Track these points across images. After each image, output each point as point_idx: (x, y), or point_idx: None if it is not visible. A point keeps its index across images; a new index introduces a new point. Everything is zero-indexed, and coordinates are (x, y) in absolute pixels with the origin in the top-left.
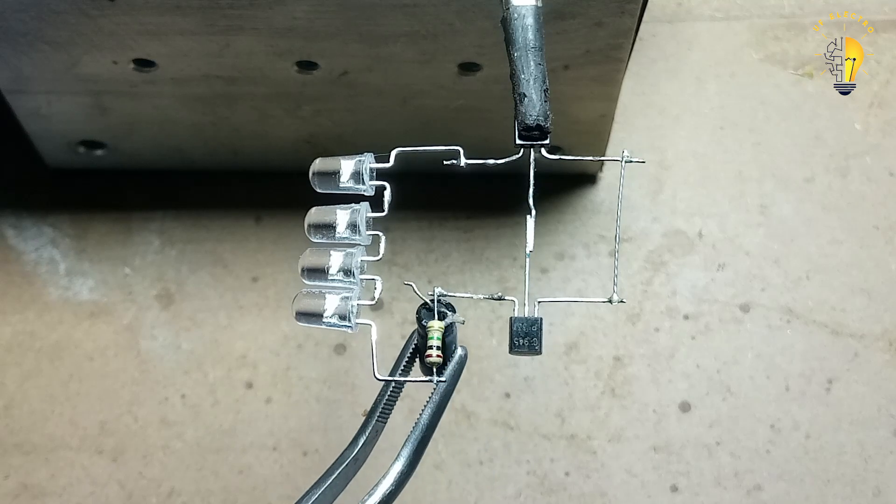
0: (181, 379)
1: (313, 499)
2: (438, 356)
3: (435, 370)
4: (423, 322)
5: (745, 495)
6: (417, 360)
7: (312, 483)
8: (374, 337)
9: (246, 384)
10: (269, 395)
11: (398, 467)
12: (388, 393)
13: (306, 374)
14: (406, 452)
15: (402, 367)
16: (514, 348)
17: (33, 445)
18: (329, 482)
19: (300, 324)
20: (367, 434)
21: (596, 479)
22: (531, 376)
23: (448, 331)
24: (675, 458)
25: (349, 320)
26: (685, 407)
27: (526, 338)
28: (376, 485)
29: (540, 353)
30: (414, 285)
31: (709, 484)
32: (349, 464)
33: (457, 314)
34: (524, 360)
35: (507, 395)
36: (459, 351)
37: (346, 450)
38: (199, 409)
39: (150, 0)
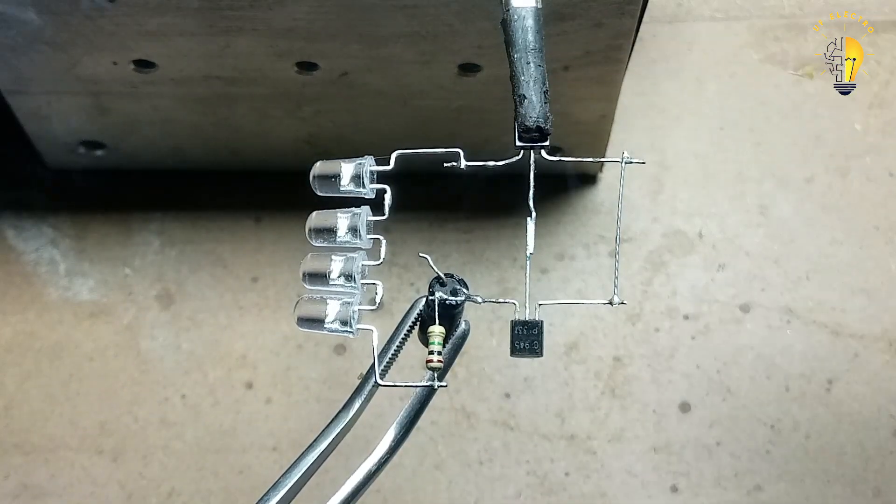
0: (181, 379)
1: (312, 459)
2: (439, 361)
3: (436, 375)
4: (432, 296)
5: (745, 495)
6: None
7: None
8: (376, 341)
9: (246, 384)
10: (269, 396)
11: (392, 434)
12: (386, 360)
13: (306, 374)
14: (400, 421)
15: (403, 336)
16: (515, 351)
17: (33, 445)
18: (326, 443)
19: (302, 329)
20: (362, 397)
21: (596, 480)
22: (531, 376)
23: (457, 306)
24: (675, 458)
25: (350, 325)
26: (685, 407)
27: (527, 340)
28: (371, 451)
29: (541, 355)
30: (429, 258)
31: (709, 484)
32: (344, 426)
33: (473, 294)
34: (524, 361)
35: (507, 396)
36: (462, 325)
37: (340, 412)
38: (199, 410)
39: (150, 1)
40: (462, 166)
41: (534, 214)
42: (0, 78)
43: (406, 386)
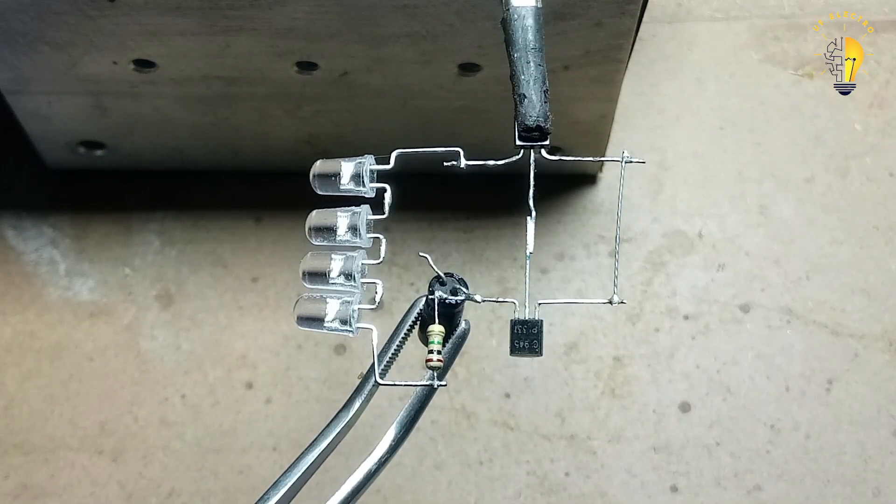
0: (181, 379)
1: (312, 458)
2: (439, 360)
3: (436, 374)
4: (431, 295)
5: (745, 495)
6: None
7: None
8: (376, 341)
9: (246, 384)
10: (269, 396)
11: (392, 434)
12: (386, 359)
13: (306, 374)
14: (400, 421)
15: (403, 336)
16: (514, 350)
17: (33, 445)
18: (326, 443)
19: (302, 328)
20: (362, 396)
21: (596, 480)
22: (531, 376)
23: (457, 305)
24: (675, 458)
25: (350, 325)
26: (685, 407)
27: (526, 339)
28: (371, 451)
29: (541, 354)
30: (429, 257)
31: (709, 484)
32: (344, 426)
33: (472, 293)
34: (524, 361)
35: (507, 396)
36: (462, 325)
37: (340, 411)
38: (199, 410)
39: (150, 1)
40: (462, 166)
41: (534, 214)
42: (0, 78)
43: (406, 385)
